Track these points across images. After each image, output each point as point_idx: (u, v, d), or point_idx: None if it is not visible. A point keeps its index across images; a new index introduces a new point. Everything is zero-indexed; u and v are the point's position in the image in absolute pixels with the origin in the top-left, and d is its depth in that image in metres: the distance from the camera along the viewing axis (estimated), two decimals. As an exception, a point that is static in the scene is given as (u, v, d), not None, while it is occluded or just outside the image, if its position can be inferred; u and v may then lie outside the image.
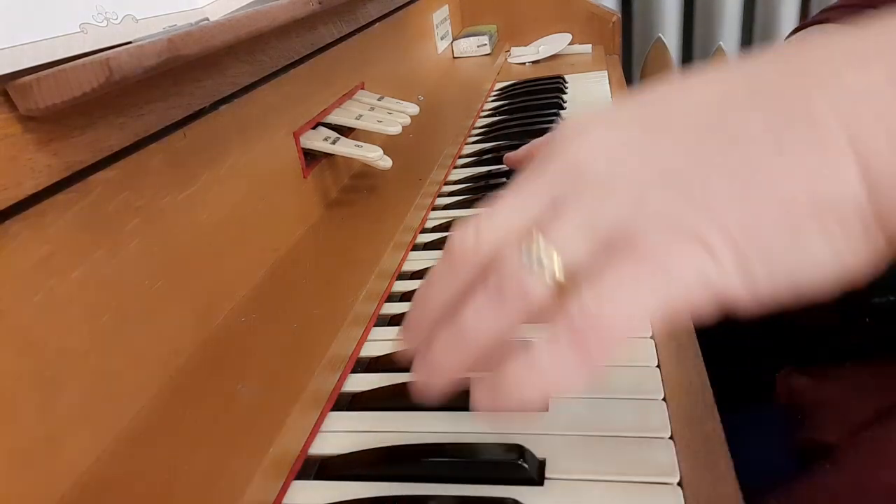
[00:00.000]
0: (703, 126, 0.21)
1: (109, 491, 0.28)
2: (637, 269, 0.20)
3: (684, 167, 0.20)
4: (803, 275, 0.20)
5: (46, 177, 0.27)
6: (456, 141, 0.71)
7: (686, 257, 0.20)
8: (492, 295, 0.22)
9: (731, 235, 0.19)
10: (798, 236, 0.19)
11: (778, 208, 0.19)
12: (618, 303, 0.20)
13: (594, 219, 0.21)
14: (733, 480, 0.27)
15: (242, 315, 0.39)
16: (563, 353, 0.21)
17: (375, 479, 0.30)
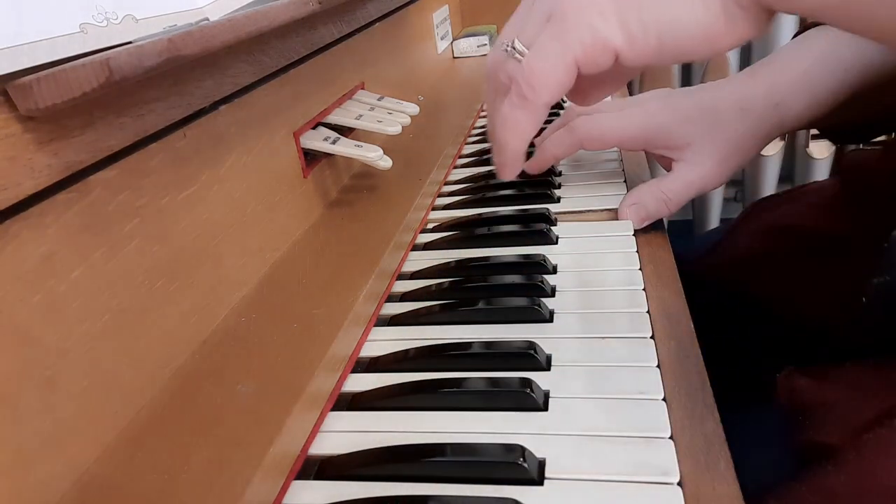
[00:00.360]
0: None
1: (109, 491, 0.28)
2: (550, 31, 0.30)
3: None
4: (669, 31, 0.27)
5: (46, 177, 0.27)
6: (456, 141, 0.71)
7: (581, 15, 0.29)
8: (492, 85, 0.35)
9: (616, 2, 0.28)
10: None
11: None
12: (538, 56, 0.30)
13: (541, 14, 0.30)
14: (733, 480, 0.27)
15: (242, 315, 0.39)
16: (512, 99, 0.32)
17: (375, 479, 0.30)
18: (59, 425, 0.28)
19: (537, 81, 0.30)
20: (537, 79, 0.30)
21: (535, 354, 0.35)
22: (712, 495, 0.27)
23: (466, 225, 0.53)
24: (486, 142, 0.74)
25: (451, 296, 0.43)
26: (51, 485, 0.27)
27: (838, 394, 0.35)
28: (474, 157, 0.70)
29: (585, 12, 0.29)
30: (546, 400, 0.33)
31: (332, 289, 0.41)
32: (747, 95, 0.47)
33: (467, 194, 0.60)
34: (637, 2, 0.28)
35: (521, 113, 0.32)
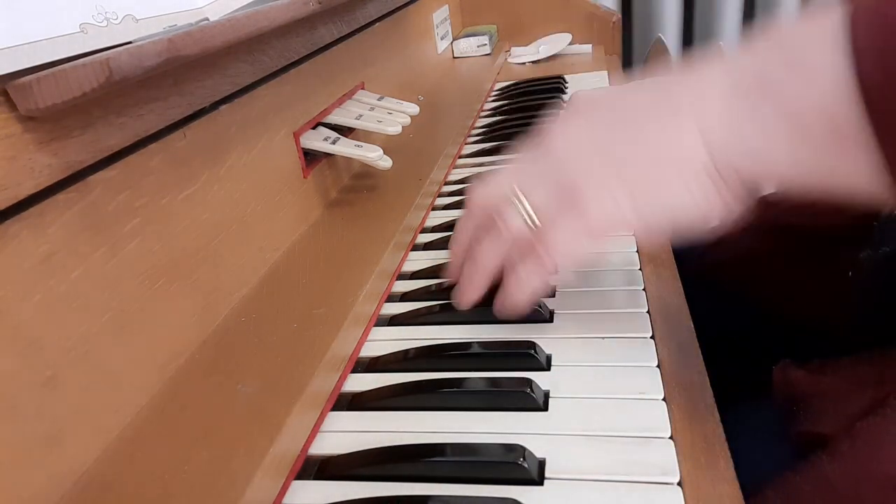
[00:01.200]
0: (622, 119, 0.32)
1: (109, 491, 0.28)
2: (573, 215, 0.32)
3: (607, 146, 0.32)
4: (675, 213, 0.30)
5: (46, 177, 0.27)
6: (456, 141, 0.71)
7: (601, 203, 0.31)
8: (489, 230, 0.35)
9: (628, 187, 0.31)
10: (667, 185, 0.30)
11: (654, 168, 0.30)
12: (561, 234, 0.32)
13: (551, 181, 0.33)
14: (733, 480, 0.27)
15: (242, 315, 0.39)
16: (531, 266, 0.34)
17: (375, 479, 0.30)
18: (59, 425, 0.28)
19: (560, 255, 0.33)
20: (560, 253, 0.33)
21: (535, 354, 0.35)
22: (712, 495, 0.27)
23: (466, 225, 0.53)
24: (486, 142, 0.74)
25: (451, 296, 0.43)
26: (51, 485, 0.27)
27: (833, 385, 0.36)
28: (474, 157, 0.70)
29: (602, 195, 0.31)
30: (546, 400, 0.33)
31: (332, 289, 0.41)
32: None
33: (467, 194, 0.60)
34: (646, 190, 0.31)
35: (537, 277, 0.34)
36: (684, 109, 0.30)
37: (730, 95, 0.29)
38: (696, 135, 0.29)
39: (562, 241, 0.32)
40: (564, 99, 0.84)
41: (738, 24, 1.54)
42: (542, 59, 1.07)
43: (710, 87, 0.30)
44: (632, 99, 0.33)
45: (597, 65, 0.99)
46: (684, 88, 0.31)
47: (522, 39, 1.14)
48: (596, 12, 1.09)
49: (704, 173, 0.29)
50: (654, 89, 0.32)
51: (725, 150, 0.29)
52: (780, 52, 0.28)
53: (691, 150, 0.29)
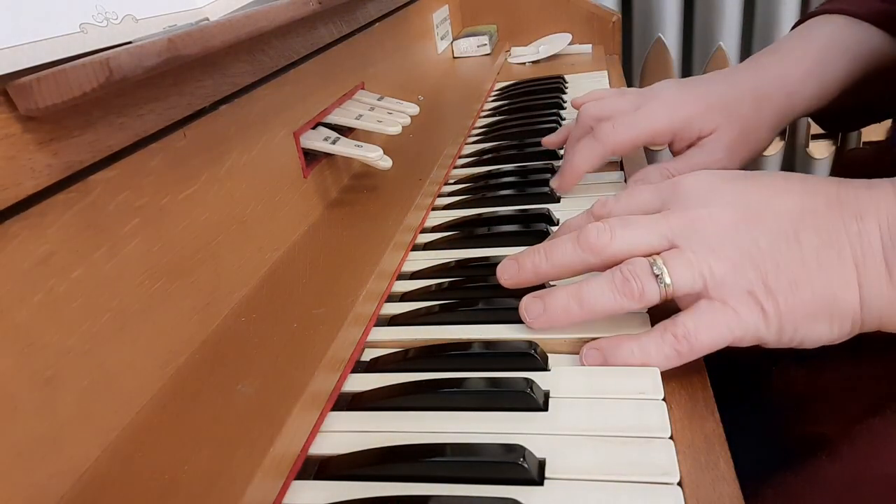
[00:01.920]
0: (783, 231, 0.32)
1: (109, 491, 0.28)
2: (723, 313, 0.32)
3: (766, 254, 0.32)
4: (810, 340, 0.32)
5: (46, 177, 0.27)
6: (456, 141, 0.71)
7: (751, 314, 0.32)
8: (617, 282, 0.34)
9: (779, 308, 0.31)
10: (815, 319, 0.31)
11: (809, 302, 0.31)
12: (707, 328, 0.32)
13: (703, 267, 0.33)
14: (733, 480, 0.27)
15: (242, 315, 0.39)
16: (664, 348, 0.33)
17: (375, 479, 0.30)
18: (59, 425, 0.28)
19: (699, 349, 0.32)
20: (700, 347, 0.32)
21: (535, 354, 0.35)
22: (712, 495, 0.27)
23: (466, 225, 0.53)
24: (486, 142, 0.74)
25: (451, 296, 0.43)
26: (51, 485, 0.27)
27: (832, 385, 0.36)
28: (474, 157, 0.70)
29: (753, 311, 0.32)
30: (546, 400, 0.33)
31: (332, 289, 0.41)
32: (761, 86, 0.48)
33: (467, 194, 0.60)
34: (794, 320, 0.31)
35: (667, 360, 0.33)
36: (846, 256, 0.31)
37: (887, 250, 0.30)
38: (855, 287, 0.31)
39: (706, 335, 0.32)
40: (565, 99, 0.84)
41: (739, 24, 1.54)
42: (542, 59, 1.07)
43: (869, 239, 0.31)
44: (781, 209, 0.33)
45: (597, 65, 0.99)
46: (841, 223, 0.32)
47: (522, 39, 1.14)
48: (596, 12, 1.09)
49: (850, 320, 0.31)
50: (802, 207, 0.33)
51: (878, 306, 0.30)
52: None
53: (850, 300, 0.31)
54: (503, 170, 0.63)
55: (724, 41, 1.54)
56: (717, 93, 0.48)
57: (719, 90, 0.48)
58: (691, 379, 0.33)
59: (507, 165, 0.64)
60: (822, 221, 0.32)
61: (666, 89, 0.51)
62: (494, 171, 0.63)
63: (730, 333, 0.32)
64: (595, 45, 1.09)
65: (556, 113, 0.78)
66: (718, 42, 1.54)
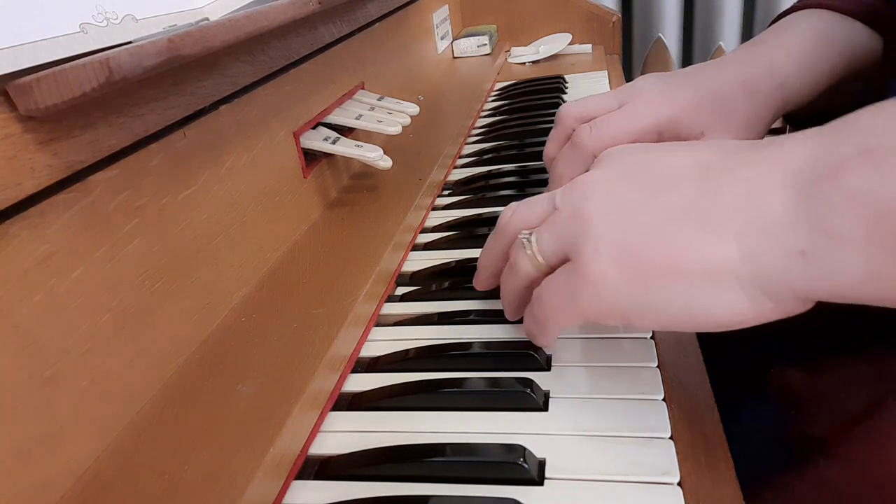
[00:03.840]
0: (656, 186, 0.29)
1: (109, 491, 0.28)
2: (568, 282, 0.30)
3: (625, 212, 0.29)
4: (680, 315, 0.27)
5: (46, 177, 0.27)
6: (456, 141, 0.71)
7: (597, 287, 0.28)
8: (510, 262, 0.35)
9: (632, 278, 0.28)
10: (677, 287, 0.27)
11: (667, 265, 0.27)
12: (554, 298, 0.31)
13: (562, 233, 0.31)
14: (733, 480, 0.27)
15: (242, 315, 0.39)
16: (531, 317, 0.33)
17: (375, 479, 0.30)
18: (59, 425, 0.28)
19: (548, 315, 0.31)
20: (549, 312, 0.31)
21: (535, 354, 0.35)
22: (712, 495, 0.27)
23: (466, 225, 0.53)
24: (486, 142, 0.74)
25: (450, 296, 0.43)
26: (51, 485, 0.27)
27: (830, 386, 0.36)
28: (474, 157, 0.70)
29: (598, 282, 0.28)
30: (546, 400, 0.33)
31: (332, 289, 0.41)
32: (751, 77, 0.46)
33: (467, 194, 0.60)
34: (648, 286, 0.27)
35: (535, 328, 0.33)
36: (722, 206, 0.26)
37: (786, 193, 0.25)
38: (727, 238, 0.26)
39: (555, 306, 0.31)
40: (565, 99, 0.84)
41: (739, 24, 1.54)
42: (542, 59, 1.07)
43: (760, 181, 0.26)
44: (668, 169, 0.30)
45: (597, 65, 0.99)
46: (727, 172, 0.27)
47: (522, 39, 1.14)
48: (596, 12, 1.09)
49: (733, 282, 0.25)
50: (696, 162, 0.29)
51: (771, 260, 0.25)
52: (852, 142, 0.24)
53: (717, 255, 0.26)
54: (503, 170, 0.63)
55: (724, 41, 1.54)
56: (706, 87, 0.45)
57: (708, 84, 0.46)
58: (691, 379, 0.33)
59: (507, 165, 0.64)
60: (707, 174, 0.28)
61: (650, 85, 0.47)
62: (494, 171, 0.63)
63: (575, 300, 0.29)
64: (595, 45, 1.09)
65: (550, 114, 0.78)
66: (718, 42, 1.54)
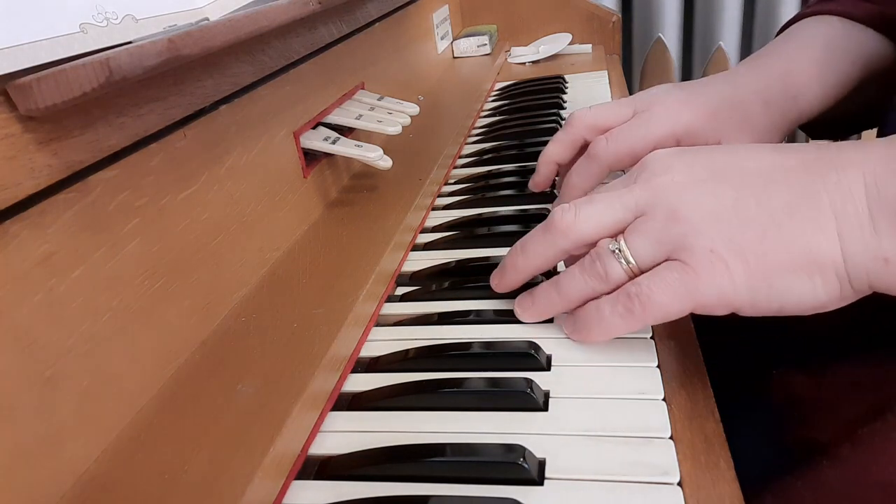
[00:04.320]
0: (751, 187, 0.31)
1: (109, 491, 0.28)
2: (676, 273, 0.30)
3: (730, 211, 0.30)
4: (789, 300, 0.30)
5: (46, 177, 0.27)
6: (456, 141, 0.71)
7: (714, 273, 0.30)
8: (586, 268, 0.34)
9: (751, 271, 0.29)
10: (786, 276, 0.29)
11: (786, 258, 0.29)
12: (661, 288, 0.31)
13: (662, 233, 0.31)
14: (733, 480, 0.27)
15: (242, 315, 0.39)
16: (618, 307, 0.32)
17: (375, 479, 0.30)
18: (59, 425, 0.28)
19: (652, 311, 0.31)
20: (654, 309, 0.31)
21: (535, 354, 0.35)
22: (712, 495, 0.27)
23: (466, 225, 0.53)
24: (486, 142, 0.74)
25: (450, 296, 0.43)
26: (51, 485, 0.27)
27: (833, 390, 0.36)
28: (474, 157, 0.70)
29: (717, 269, 0.30)
30: (546, 400, 0.33)
31: (332, 289, 0.41)
32: (766, 87, 0.46)
33: (467, 194, 0.60)
34: (767, 276, 0.29)
35: (621, 322, 0.32)
36: (823, 205, 0.29)
37: (871, 200, 0.28)
38: (834, 237, 0.28)
39: (665, 301, 0.31)
40: (565, 99, 0.84)
41: (739, 24, 1.54)
42: (542, 59, 1.07)
43: (850, 188, 0.29)
44: (748, 169, 0.32)
45: (597, 65, 0.99)
46: (818, 176, 0.30)
47: (522, 39, 1.14)
48: (596, 12, 1.09)
49: (834, 275, 0.29)
50: (774, 165, 0.31)
51: (864, 262, 0.28)
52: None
53: (828, 251, 0.28)
54: (503, 170, 0.63)
55: (724, 41, 1.54)
56: (722, 96, 0.46)
57: (723, 93, 0.46)
58: (691, 379, 0.33)
59: (507, 165, 0.64)
60: (795, 176, 0.30)
61: (665, 93, 0.47)
62: (494, 171, 0.63)
63: (688, 295, 0.30)
64: (595, 45, 1.09)
65: (556, 113, 0.78)
66: (718, 42, 1.54)
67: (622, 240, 0.33)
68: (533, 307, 0.37)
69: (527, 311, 0.38)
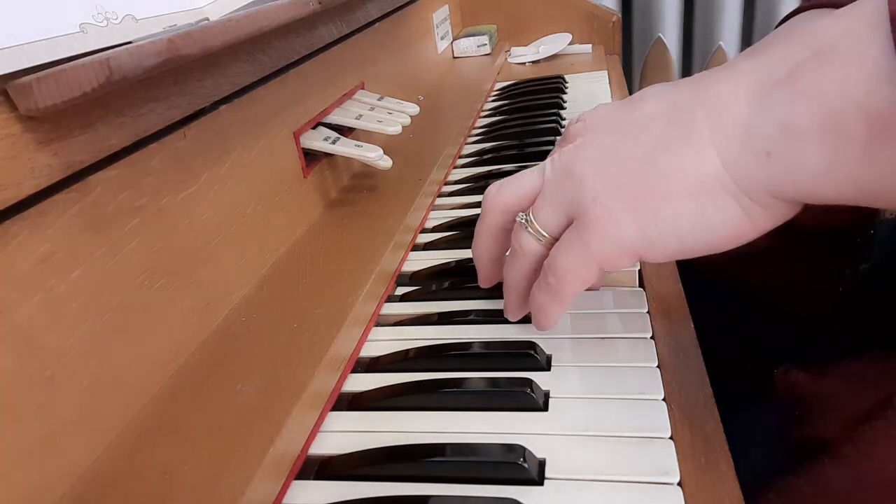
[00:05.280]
0: (633, 131, 0.30)
1: (109, 491, 0.28)
2: (577, 232, 0.31)
3: (612, 158, 0.30)
4: (684, 232, 0.28)
5: (46, 177, 0.27)
6: (456, 141, 0.71)
7: (603, 223, 0.30)
8: (513, 249, 0.35)
9: (634, 211, 0.29)
10: (678, 207, 0.28)
11: (664, 188, 0.28)
12: (564, 254, 0.31)
13: (559, 199, 0.32)
14: (733, 480, 0.27)
15: (242, 315, 0.39)
16: (542, 286, 0.33)
17: (375, 479, 0.30)
18: (59, 425, 0.28)
19: (565, 280, 0.32)
20: (566, 278, 0.32)
21: (535, 354, 0.35)
22: (712, 495, 0.27)
23: (466, 225, 0.53)
24: (486, 142, 0.74)
25: (450, 296, 0.43)
26: (51, 485, 0.27)
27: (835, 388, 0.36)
28: (474, 157, 0.70)
29: (604, 219, 0.30)
30: (546, 400, 0.33)
31: (332, 289, 0.41)
32: None
33: (467, 194, 0.60)
34: (652, 213, 0.28)
35: (548, 300, 0.33)
36: (697, 124, 0.27)
37: (750, 100, 0.26)
38: (709, 151, 0.27)
39: (568, 264, 0.31)
40: (565, 99, 0.84)
41: (739, 24, 1.54)
42: (542, 59, 1.07)
43: (726, 94, 0.27)
44: (640, 114, 0.31)
45: (597, 65, 0.99)
46: (696, 98, 0.28)
47: (522, 39, 1.14)
48: (596, 12, 1.09)
49: (724, 193, 0.27)
50: (664, 102, 0.30)
51: (745, 165, 0.26)
52: (807, 47, 0.25)
53: (704, 169, 0.27)
54: (503, 170, 0.63)
55: (724, 41, 1.54)
56: None
57: None
58: (691, 379, 0.33)
59: (507, 165, 0.64)
60: (679, 107, 0.29)
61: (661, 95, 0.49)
62: (494, 171, 0.63)
63: (587, 253, 0.30)
64: (595, 45, 1.09)
65: (556, 113, 0.78)
66: (718, 42, 1.54)
67: (530, 211, 0.33)
68: (505, 303, 0.38)
69: (505, 309, 0.39)
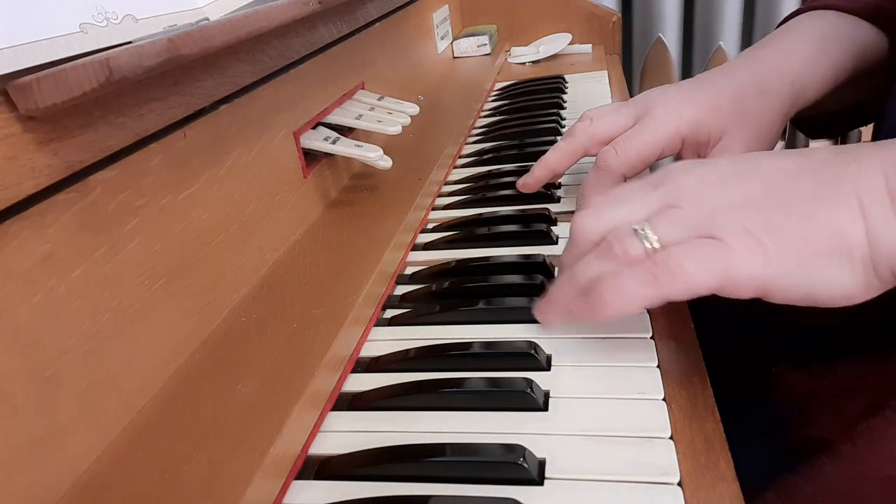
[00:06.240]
0: (778, 180, 0.31)
1: (109, 491, 0.28)
2: (710, 246, 0.29)
3: (759, 200, 0.30)
4: (819, 286, 0.29)
5: (46, 177, 0.27)
6: (456, 141, 0.71)
7: (749, 250, 0.29)
8: (602, 252, 0.32)
9: (783, 243, 0.29)
10: (817, 259, 0.29)
11: (815, 237, 0.29)
12: (694, 257, 0.29)
13: (691, 219, 0.31)
14: (733, 480, 0.27)
15: (242, 315, 0.39)
16: (640, 274, 0.30)
17: (375, 479, 0.30)
18: (59, 425, 0.28)
19: (680, 279, 0.29)
20: (682, 278, 0.29)
21: (535, 354, 0.35)
22: (712, 495, 0.27)
23: (466, 225, 0.53)
24: (486, 142, 0.74)
25: (451, 295, 0.43)
26: (51, 485, 0.27)
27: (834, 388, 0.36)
28: (474, 157, 0.70)
29: (752, 246, 0.29)
30: (546, 400, 0.33)
31: (332, 289, 0.41)
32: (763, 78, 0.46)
33: (467, 194, 0.60)
34: (800, 257, 0.29)
35: (643, 289, 0.30)
36: (847, 193, 0.29)
37: (891, 188, 0.28)
38: (860, 222, 0.28)
39: (691, 265, 0.29)
40: (565, 99, 0.84)
41: (739, 24, 1.54)
42: (542, 59, 1.07)
43: (870, 177, 0.29)
44: (785, 171, 0.31)
45: (597, 65, 0.99)
46: (844, 170, 0.30)
47: (522, 39, 1.14)
48: (596, 12, 1.09)
49: (859, 261, 0.28)
50: (808, 164, 0.31)
51: (887, 244, 0.28)
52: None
53: (856, 236, 0.28)
54: (503, 170, 0.63)
55: (724, 41, 1.54)
56: (720, 89, 0.46)
57: (721, 87, 0.46)
58: (691, 379, 0.33)
59: (507, 165, 0.64)
60: (818, 170, 0.30)
61: (662, 94, 0.48)
62: (494, 171, 0.63)
63: (723, 269, 0.29)
64: (595, 45, 1.09)
65: (556, 113, 0.78)
66: (718, 42, 1.54)
67: (646, 223, 0.32)
68: (552, 304, 0.36)
69: (549, 312, 0.36)
